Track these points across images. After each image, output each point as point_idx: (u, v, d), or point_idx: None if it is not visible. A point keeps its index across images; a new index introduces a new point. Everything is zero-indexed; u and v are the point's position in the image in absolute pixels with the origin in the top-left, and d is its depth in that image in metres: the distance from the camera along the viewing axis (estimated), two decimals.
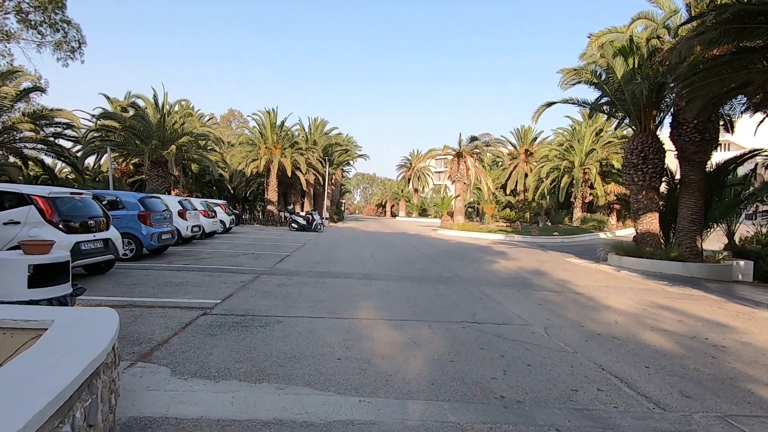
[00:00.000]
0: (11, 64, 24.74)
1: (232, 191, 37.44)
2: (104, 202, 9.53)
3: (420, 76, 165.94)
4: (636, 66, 13.23)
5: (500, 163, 45.96)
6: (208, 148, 24.84)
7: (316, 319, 5.26)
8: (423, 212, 64.06)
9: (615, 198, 26.75)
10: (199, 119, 31.24)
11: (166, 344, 4.14)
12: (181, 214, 13.11)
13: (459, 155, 30.13)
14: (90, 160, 24.38)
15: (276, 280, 7.95)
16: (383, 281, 8.41)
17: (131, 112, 21.89)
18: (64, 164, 25.06)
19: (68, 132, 22.17)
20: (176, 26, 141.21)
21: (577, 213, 31.80)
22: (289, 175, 29.01)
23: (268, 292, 6.80)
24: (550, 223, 33.08)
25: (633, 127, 14.27)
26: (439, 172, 70.84)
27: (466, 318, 5.74)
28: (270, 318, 5.22)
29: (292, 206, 32.72)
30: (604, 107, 15.54)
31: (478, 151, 30.76)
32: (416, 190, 67.59)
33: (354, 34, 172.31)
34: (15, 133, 20.26)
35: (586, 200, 32.31)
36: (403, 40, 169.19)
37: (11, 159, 23.01)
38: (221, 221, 18.92)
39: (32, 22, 30.08)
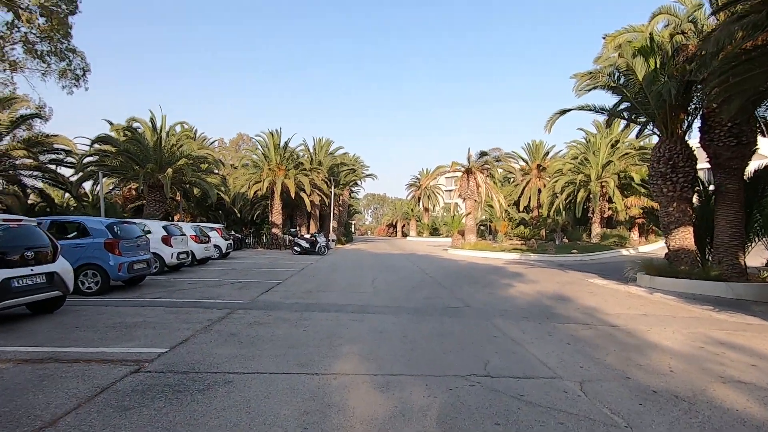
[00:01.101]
0: (13, 92, 24.67)
1: (239, 214, 36.74)
2: (65, 230, 8.57)
3: (428, 96, 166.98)
4: (658, 66, 12.03)
5: (512, 179, 44.59)
6: (208, 170, 24.13)
7: (278, 377, 4.03)
8: (434, 231, 62.61)
9: (640, 211, 25.15)
10: (202, 142, 30.84)
11: (50, 428, 2.95)
12: (166, 240, 12.10)
13: (468, 171, 28.96)
14: (89, 186, 23.83)
15: (251, 316, 6.75)
16: (379, 315, 7.15)
17: (129, 136, 21.34)
18: (64, 192, 24.58)
19: (67, 159, 21.72)
20: (186, 51, 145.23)
21: (596, 229, 30.11)
22: (293, 196, 28.13)
23: (234, 334, 5.60)
24: (567, 240, 31.42)
25: (658, 133, 12.96)
26: (450, 191, 69.59)
27: (475, 368, 4.45)
28: (218, 376, 4.01)
29: (295, 229, 31.74)
30: (624, 113, 14.28)
31: (488, 166, 29.56)
32: (426, 209, 66.38)
33: (363, 58, 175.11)
34: (10, 160, 19.79)
35: (605, 215, 30.64)
36: (411, 63, 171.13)
37: (8, 187, 22.59)
38: (216, 246, 17.92)
39: (38, 52, 30.37)
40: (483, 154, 28.20)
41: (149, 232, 12.10)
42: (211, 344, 5.10)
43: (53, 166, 21.91)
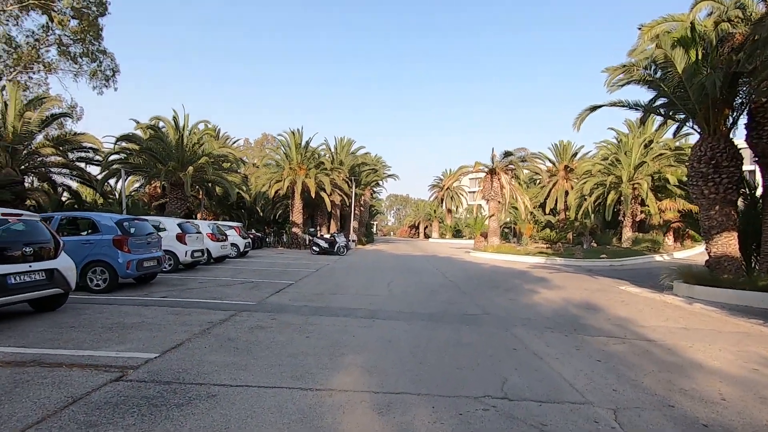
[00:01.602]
0: (47, 93, 25.47)
1: (261, 213, 36.96)
2: (76, 226, 8.47)
3: (455, 96, 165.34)
4: (700, 57, 11.12)
5: (538, 181, 43.26)
6: (229, 169, 24.20)
7: (268, 392, 3.62)
8: (457, 233, 61.62)
9: (676, 215, 23.76)
10: (225, 141, 31.10)
11: None
12: (180, 238, 11.99)
13: (492, 172, 28.14)
14: (115, 184, 24.30)
15: (254, 320, 6.40)
16: (390, 322, 6.68)
17: (152, 134, 21.58)
18: (92, 189, 25.14)
19: (96, 157, 22.15)
20: (213, 54, 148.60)
21: (627, 233, 28.68)
22: (313, 196, 27.99)
23: (232, 339, 5.25)
24: (595, 245, 30.11)
25: (698, 130, 12.00)
26: (473, 192, 68.49)
27: (491, 388, 3.93)
28: (202, 389, 3.63)
29: (314, 228, 31.59)
30: (660, 109, 13.31)
31: (513, 167, 28.64)
32: (449, 211, 65.39)
33: (390, 58, 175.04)
34: (41, 158, 20.30)
35: (637, 219, 29.15)
36: (437, 63, 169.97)
37: (38, 184, 23.26)
38: (234, 245, 17.84)
39: (71, 54, 31.37)
40: (507, 154, 27.32)
41: (164, 229, 12.03)
42: (205, 350, 4.75)
43: (82, 164, 22.45)
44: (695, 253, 25.11)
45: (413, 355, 4.90)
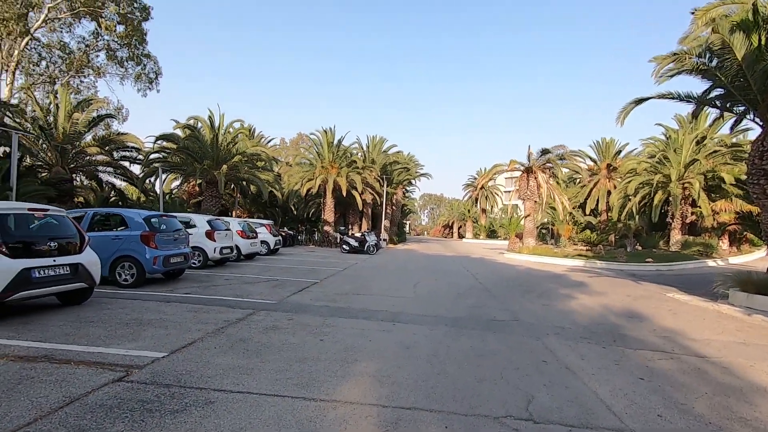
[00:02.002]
0: (95, 95, 26.82)
1: (295, 212, 37.46)
2: (108, 222, 8.66)
3: (488, 94, 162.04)
4: (764, 42, 10.03)
5: (578, 180, 41.38)
6: (262, 168, 24.56)
7: (268, 401, 3.38)
8: (492, 234, 60.12)
9: (733, 217, 21.95)
10: (260, 141, 31.67)
11: None
12: (209, 235, 12.13)
13: (528, 171, 27.07)
14: (154, 181, 25.18)
15: (271, 319, 6.24)
16: (411, 326, 6.34)
17: (188, 134, 22.22)
18: (135, 187, 26.25)
19: (136, 155, 23.09)
20: (249, 53, 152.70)
21: (676, 236, 26.80)
22: (344, 194, 27.98)
23: (244, 340, 5.08)
24: (640, 247, 28.39)
25: (760, 123, 10.88)
26: (509, 191, 66.58)
27: (514, 406, 3.52)
28: (201, 394, 3.44)
29: (344, 227, 31.58)
30: (716, 101, 12.19)
31: (550, 165, 27.43)
32: (484, 211, 63.95)
33: (421, 60, 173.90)
34: (87, 157, 21.34)
35: (687, 220, 27.19)
36: (474, 60, 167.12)
37: (88, 182, 24.52)
38: (265, 242, 18.01)
39: (119, 58, 32.94)
40: (545, 151, 26.18)
41: (194, 226, 12.23)
42: (214, 351, 4.60)
43: (126, 163, 23.47)
44: (754, 259, 23.11)
45: (431, 364, 4.55)
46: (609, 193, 34.71)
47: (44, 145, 20.04)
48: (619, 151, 37.62)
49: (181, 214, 12.72)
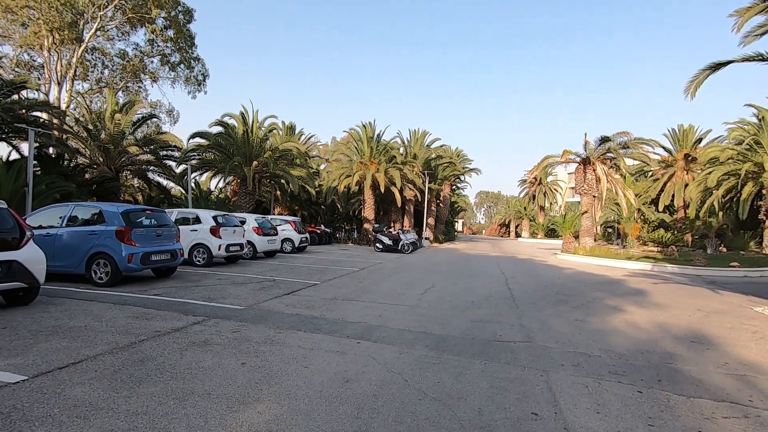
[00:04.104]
0: (137, 97, 27.99)
1: (341, 209, 37.07)
2: (85, 217, 8.16)
3: (545, 83, 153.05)
4: None
5: (650, 173, 36.84)
6: (294, 164, 24.08)
7: None
8: (550, 232, 56.04)
9: None
10: (300, 138, 31.43)
11: None
12: (213, 231, 11.50)
13: (585, 162, 24.21)
14: (188, 177, 25.70)
15: (211, 331, 5.18)
16: (381, 346, 4.99)
17: (221, 131, 22.25)
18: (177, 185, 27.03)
19: (176, 154, 23.63)
20: (299, 53, 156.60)
21: None
22: (383, 190, 26.84)
23: (144, 360, 4.04)
24: (724, 249, 24.35)
25: None
26: (573, 188, 61.78)
27: None
28: None
29: (385, 225, 30.41)
30: None
31: (611, 155, 24.30)
32: (542, 208, 59.84)
33: (470, 49, 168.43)
34: (130, 156, 22.10)
35: None
36: (522, 49, 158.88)
37: (139, 182, 25.60)
38: (289, 240, 17.34)
39: (171, 63, 34.40)
40: (604, 140, 23.15)
41: (198, 221, 11.70)
42: (90, 375, 3.60)
43: (169, 162, 24.14)
44: None
45: (356, 415, 3.18)
46: (686, 186, 30.39)
47: (92, 145, 20.98)
48: (700, 140, 32.91)
49: (186, 210, 12.30)
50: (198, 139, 21.80)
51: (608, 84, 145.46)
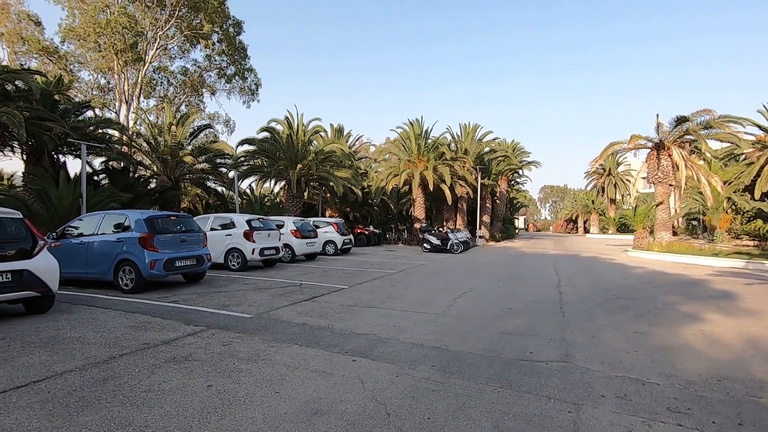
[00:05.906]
0: (192, 109, 29.49)
1: (394, 210, 36.66)
2: (114, 224, 8.30)
3: (620, 63, 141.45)
4: None
5: (742, 156, 32.14)
6: (345, 166, 23.93)
7: None
8: (623, 227, 51.29)
9: None
10: (346, 139, 31.37)
11: None
12: (247, 236, 11.42)
13: (659, 147, 21.48)
14: (239, 183, 26.48)
15: (201, 344, 4.80)
16: (381, 364, 4.29)
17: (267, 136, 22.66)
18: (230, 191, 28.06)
19: (229, 161, 24.50)
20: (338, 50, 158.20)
21: None
22: (432, 188, 25.89)
23: (104, 381, 3.68)
24: None
25: None
26: (645, 178, 56.21)
27: None
28: None
29: (437, 224, 29.33)
30: None
31: (691, 137, 21.34)
32: (613, 201, 55.10)
33: (531, 31, 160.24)
34: (187, 165, 23.25)
35: None
36: (599, 27, 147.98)
37: (201, 190, 26.94)
38: (331, 242, 17.09)
39: (227, 76, 36.05)
40: (681, 120, 20.34)
41: (233, 225, 11.70)
42: (33, 399, 3.29)
43: (223, 169, 25.15)
44: None
45: None
46: None
47: (153, 157, 22.36)
48: None
49: (222, 215, 12.39)
50: (246, 146, 22.39)
51: (685, 59, 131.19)
